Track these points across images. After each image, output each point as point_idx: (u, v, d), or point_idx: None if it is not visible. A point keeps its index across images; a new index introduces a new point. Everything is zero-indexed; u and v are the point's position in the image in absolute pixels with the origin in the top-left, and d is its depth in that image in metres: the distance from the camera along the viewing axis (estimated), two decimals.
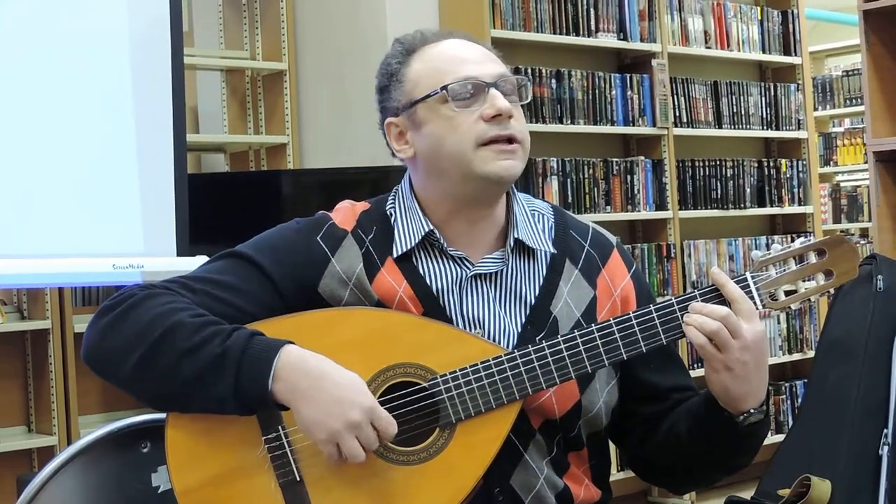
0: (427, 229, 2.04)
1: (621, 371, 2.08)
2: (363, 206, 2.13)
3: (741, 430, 1.95)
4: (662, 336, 1.94)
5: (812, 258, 1.99)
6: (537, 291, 2.05)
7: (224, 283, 2.01)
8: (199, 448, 1.94)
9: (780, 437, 5.93)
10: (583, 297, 2.06)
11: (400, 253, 2.04)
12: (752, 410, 1.94)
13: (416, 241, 2.04)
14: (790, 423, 6.16)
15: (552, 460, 2.01)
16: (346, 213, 2.11)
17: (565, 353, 1.93)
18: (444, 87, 1.99)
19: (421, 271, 2.03)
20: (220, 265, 2.05)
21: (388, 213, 2.09)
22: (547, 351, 1.93)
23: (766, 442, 5.95)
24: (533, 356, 1.93)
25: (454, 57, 2.03)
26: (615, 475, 5.27)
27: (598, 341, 1.93)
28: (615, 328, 1.94)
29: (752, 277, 1.96)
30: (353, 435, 1.85)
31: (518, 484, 1.98)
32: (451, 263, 2.04)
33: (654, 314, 1.94)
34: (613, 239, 2.17)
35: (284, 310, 2.00)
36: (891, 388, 3.43)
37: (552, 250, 2.07)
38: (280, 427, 1.92)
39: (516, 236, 2.05)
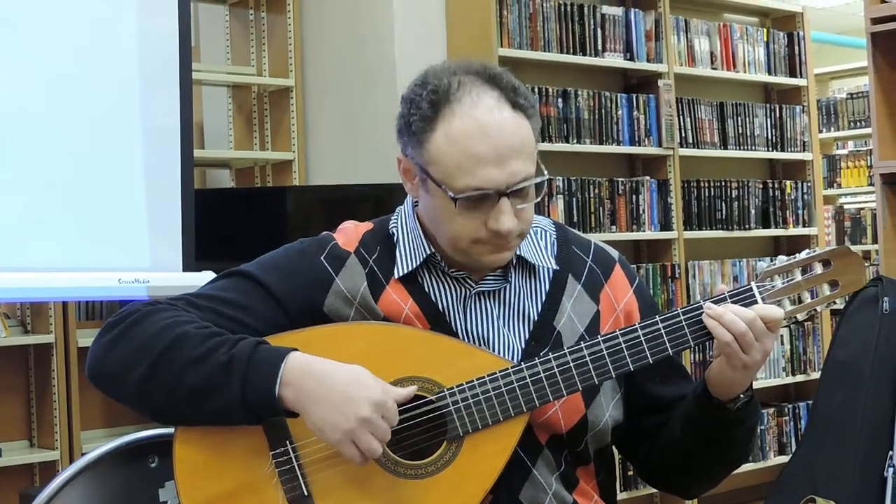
0: (428, 252, 2.04)
1: (626, 385, 2.08)
2: (366, 226, 2.13)
3: (733, 416, 1.99)
4: (669, 347, 1.95)
5: (818, 269, 1.99)
6: (540, 308, 2.05)
7: (229, 300, 2.02)
8: (208, 463, 1.94)
9: (784, 458, 5.94)
10: (586, 312, 2.07)
11: (402, 274, 2.04)
12: (741, 395, 1.99)
13: (417, 263, 2.04)
14: (793, 444, 6.15)
15: (561, 475, 2.01)
16: (348, 233, 2.11)
17: (572, 365, 1.94)
18: (454, 198, 1.93)
19: (426, 289, 2.04)
20: (224, 283, 2.06)
21: (391, 231, 2.10)
22: (554, 363, 1.93)
23: (771, 462, 5.95)
24: (539, 368, 1.93)
25: (474, 155, 1.91)
26: (619, 494, 5.26)
27: (605, 353, 1.94)
28: (621, 340, 1.95)
29: (758, 287, 1.97)
30: (366, 430, 1.85)
31: (527, 499, 1.98)
32: (453, 282, 2.05)
33: (661, 325, 1.95)
34: (615, 254, 2.17)
35: (290, 327, 2.00)
36: None
37: (554, 266, 2.08)
38: (288, 441, 1.92)
39: (519, 253, 2.05)
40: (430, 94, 1.95)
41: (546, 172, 1.99)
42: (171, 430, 1.97)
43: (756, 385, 2.05)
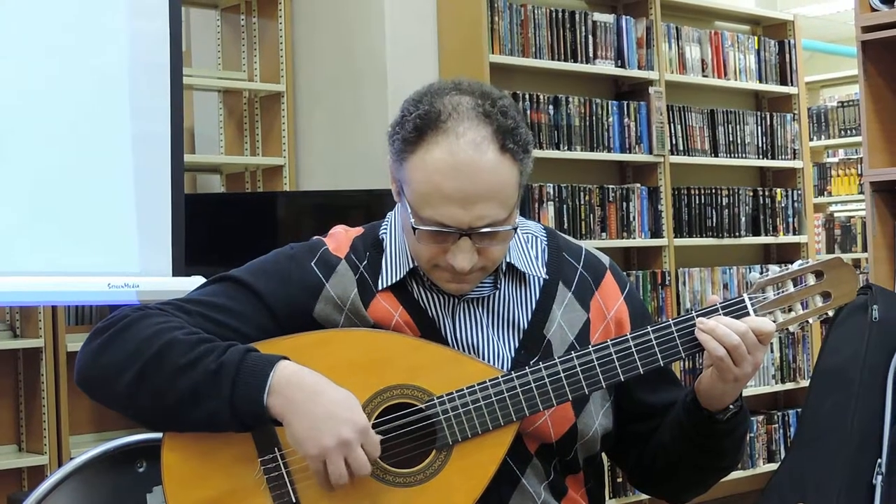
0: (411, 266, 2.03)
1: (616, 393, 2.08)
2: (357, 231, 2.12)
3: (723, 426, 1.99)
4: (660, 358, 1.94)
5: (810, 280, 1.99)
6: (530, 316, 2.04)
7: (219, 305, 2.01)
8: (196, 470, 1.93)
9: (773, 466, 5.95)
10: (576, 320, 2.06)
11: (386, 285, 2.03)
12: (730, 406, 1.98)
13: (401, 275, 2.03)
14: (783, 452, 6.15)
15: (550, 484, 2.01)
16: (339, 239, 2.10)
17: (562, 375, 1.93)
18: (414, 228, 1.92)
19: (415, 297, 2.03)
20: (214, 289, 2.05)
21: (380, 238, 2.09)
22: (544, 373, 1.93)
23: (760, 470, 5.94)
24: (530, 378, 1.93)
25: (441, 191, 1.89)
26: (608, 502, 5.26)
27: (596, 363, 1.93)
28: (612, 350, 1.94)
29: (750, 298, 1.97)
30: (342, 454, 1.84)
31: None
32: (439, 291, 2.04)
33: (652, 335, 1.95)
34: (606, 260, 2.16)
35: (279, 333, 2.00)
36: (885, 417, 3.43)
37: (544, 276, 2.07)
38: (276, 448, 1.91)
39: (509, 261, 2.04)
40: (417, 117, 1.91)
41: (517, 225, 1.97)
42: (159, 434, 1.97)
43: (745, 393, 2.05)
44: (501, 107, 1.93)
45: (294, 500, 1.90)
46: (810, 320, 1.99)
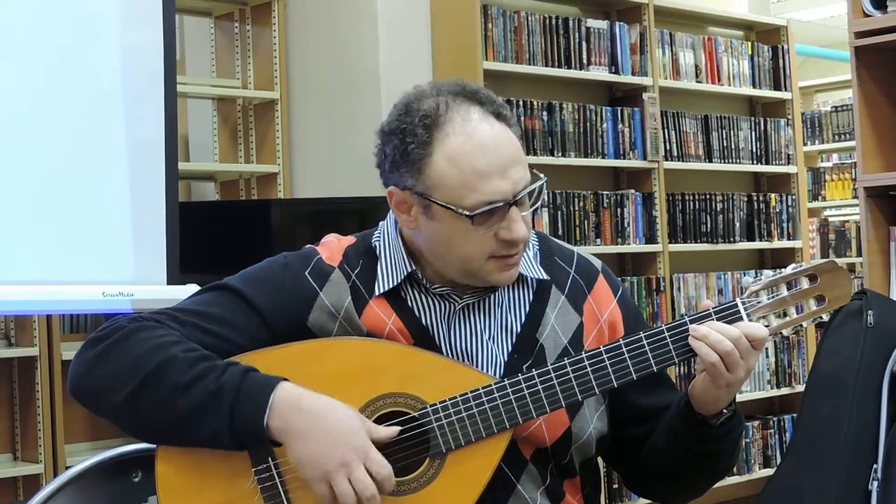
0: (409, 270, 2.03)
1: (610, 396, 2.08)
2: (349, 240, 2.12)
3: (717, 431, 1.99)
4: (653, 364, 1.94)
5: (804, 284, 1.99)
6: (523, 319, 2.05)
7: (213, 314, 2.01)
8: (190, 481, 1.93)
9: (769, 471, 5.94)
10: (570, 323, 2.06)
11: (382, 291, 2.03)
12: (723, 410, 1.99)
13: (398, 280, 2.03)
14: (778, 457, 6.15)
15: (547, 489, 2.01)
16: (332, 248, 2.10)
17: (555, 382, 1.93)
18: (469, 216, 1.92)
19: (409, 304, 2.03)
20: (208, 297, 2.05)
21: (373, 246, 2.09)
22: (537, 379, 1.93)
23: (756, 475, 5.93)
24: (523, 385, 1.93)
25: (477, 171, 1.93)
26: None
27: (589, 369, 1.93)
28: (605, 356, 1.94)
29: (743, 303, 1.96)
30: (345, 476, 1.84)
31: None
32: (437, 298, 2.04)
33: (645, 342, 1.95)
34: (598, 264, 2.17)
35: (273, 342, 2.00)
36: (880, 423, 3.43)
37: (544, 276, 2.07)
38: (270, 458, 1.91)
39: None
40: (422, 119, 1.94)
41: (542, 175, 2.01)
42: (154, 444, 1.97)
43: (741, 398, 2.06)
44: (477, 87, 2.01)
45: None
46: (804, 324, 1.99)
